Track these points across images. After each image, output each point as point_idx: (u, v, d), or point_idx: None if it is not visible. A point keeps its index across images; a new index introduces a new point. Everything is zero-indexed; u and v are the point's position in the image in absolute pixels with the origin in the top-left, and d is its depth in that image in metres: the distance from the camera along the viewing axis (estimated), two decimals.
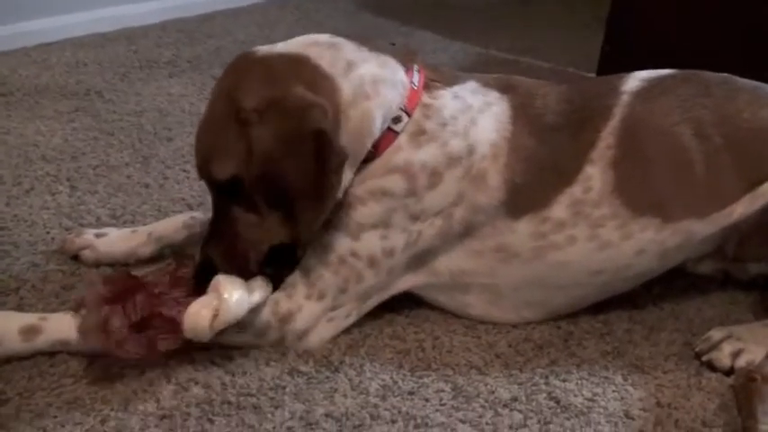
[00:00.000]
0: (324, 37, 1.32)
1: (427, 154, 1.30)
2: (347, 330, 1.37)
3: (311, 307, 1.31)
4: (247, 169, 1.20)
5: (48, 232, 1.60)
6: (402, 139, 1.30)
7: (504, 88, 1.39)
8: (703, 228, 1.37)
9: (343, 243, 1.31)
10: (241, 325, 1.29)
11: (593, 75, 2.38)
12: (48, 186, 1.76)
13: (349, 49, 1.30)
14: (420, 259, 1.36)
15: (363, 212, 1.30)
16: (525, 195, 1.34)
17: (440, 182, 1.30)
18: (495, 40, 2.90)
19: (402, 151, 1.29)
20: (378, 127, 1.28)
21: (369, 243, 1.31)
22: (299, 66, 1.25)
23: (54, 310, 1.35)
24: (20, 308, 1.37)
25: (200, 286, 1.25)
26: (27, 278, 1.45)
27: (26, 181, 1.78)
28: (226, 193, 1.25)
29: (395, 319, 1.41)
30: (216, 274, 1.26)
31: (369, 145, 1.28)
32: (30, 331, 1.25)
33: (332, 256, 1.31)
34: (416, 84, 1.32)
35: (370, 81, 1.27)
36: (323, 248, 1.31)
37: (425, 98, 1.32)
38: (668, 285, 1.52)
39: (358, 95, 1.26)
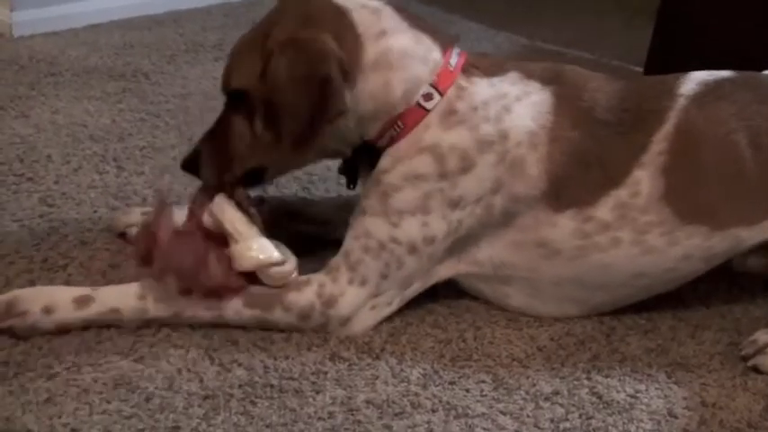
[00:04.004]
0: (375, 3, 1.36)
1: (456, 136, 1.31)
2: (388, 318, 1.37)
3: (354, 292, 1.32)
4: (257, 89, 1.30)
5: (95, 211, 1.63)
6: (432, 118, 1.31)
7: (550, 79, 1.37)
8: (752, 235, 1.36)
9: (382, 229, 1.32)
10: (287, 305, 1.30)
11: (641, 68, 2.34)
12: (95, 166, 1.79)
13: (390, 19, 1.34)
14: (462, 248, 1.36)
15: (400, 199, 1.31)
16: (568, 189, 1.33)
17: (472, 166, 1.31)
18: (540, 30, 2.87)
19: (431, 129, 1.31)
20: (398, 98, 1.31)
21: (409, 230, 1.31)
22: (337, 18, 1.31)
23: None
24: (67, 284, 1.39)
25: (186, 171, 1.42)
26: (75, 256, 1.48)
27: (74, 160, 1.80)
28: (233, 102, 1.36)
29: (436, 308, 1.41)
30: (198, 167, 1.39)
31: (385, 118, 1.31)
32: (83, 300, 1.28)
33: (372, 241, 1.32)
34: (453, 65, 1.33)
35: (398, 53, 1.31)
36: (363, 234, 1.33)
37: (461, 80, 1.33)
38: (714, 284, 1.49)
39: (381, 63, 1.30)
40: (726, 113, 1.36)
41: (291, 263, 1.32)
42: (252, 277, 1.31)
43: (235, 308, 1.30)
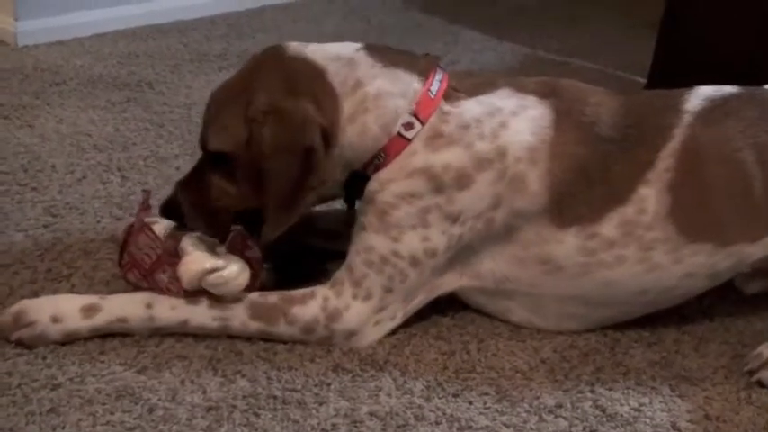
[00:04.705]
0: (349, 50, 1.36)
1: (450, 156, 1.30)
2: (392, 329, 1.36)
3: (358, 307, 1.32)
4: (241, 155, 1.30)
5: (99, 221, 1.63)
6: (417, 145, 1.31)
7: (547, 93, 1.37)
8: (756, 251, 1.35)
9: (383, 244, 1.32)
10: (291, 318, 1.30)
11: (644, 78, 2.35)
12: (99, 176, 1.79)
13: (364, 66, 1.34)
14: (464, 261, 1.36)
15: (398, 216, 1.31)
16: (571, 206, 1.33)
17: (471, 183, 1.30)
18: (544, 40, 2.87)
19: (418, 155, 1.31)
20: (376, 135, 1.32)
21: (410, 244, 1.31)
22: (315, 80, 1.32)
23: None
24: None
25: (164, 217, 1.39)
26: (79, 265, 1.48)
27: (78, 170, 1.81)
28: (211, 159, 1.35)
29: (440, 320, 1.41)
30: (179, 216, 1.37)
31: (368, 155, 1.32)
32: (90, 309, 1.29)
33: (374, 255, 1.32)
34: (434, 93, 1.33)
35: (373, 97, 1.32)
36: (365, 249, 1.33)
37: (444, 106, 1.33)
38: (718, 297, 1.49)
39: (358, 111, 1.32)
40: (732, 131, 1.35)
41: (233, 267, 1.30)
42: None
43: (240, 319, 1.31)
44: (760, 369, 1.32)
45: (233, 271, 1.29)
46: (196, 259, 1.29)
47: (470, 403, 1.24)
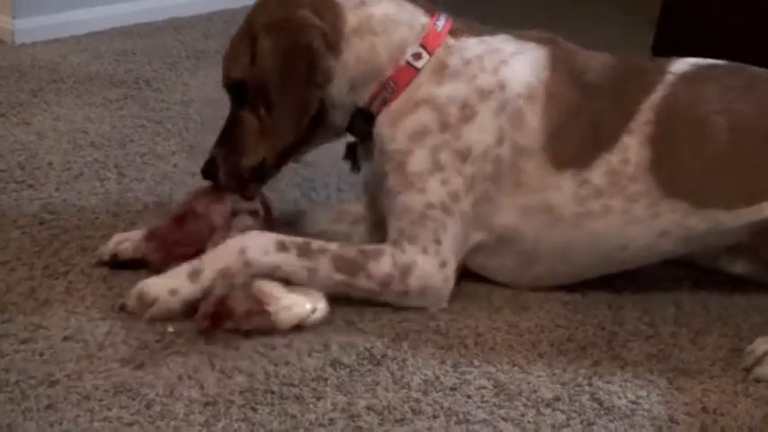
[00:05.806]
0: None
1: (452, 88, 1.36)
2: (390, 324, 1.37)
3: (423, 260, 1.35)
4: (251, 75, 1.38)
5: (96, 218, 1.63)
6: (423, 76, 1.38)
7: (545, 40, 1.43)
8: (731, 219, 1.37)
9: (415, 199, 1.36)
10: (368, 272, 1.34)
11: None
12: (96, 173, 1.79)
13: None
14: (486, 213, 1.39)
15: (414, 162, 1.36)
16: (566, 148, 1.37)
17: (474, 114, 1.35)
18: None
19: (424, 86, 1.37)
20: (385, 60, 1.39)
21: (435, 190, 1.36)
22: None
23: (102, 295, 1.39)
24: (68, 291, 1.40)
25: (206, 179, 1.46)
26: (76, 262, 1.48)
27: (75, 167, 1.81)
28: (235, 96, 1.44)
29: (437, 314, 1.41)
30: (217, 172, 1.43)
31: (375, 81, 1.39)
32: (193, 273, 1.32)
33: (413, 215, 1.36)
34: (440, 27, 1.40)
35: (379, 19, 1.39)
36: (404, 210, 1.37)
37: (450, 40, 1.39)
38: (715, 289, 1.50)
39: (363, 29, 1.39)
40: (711, 93, 1.39)
41: (321, 303, 1.34)
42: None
43: (326, 271, 1.33)
44: (754, 366, 1.32)
45: (323, 306, 1.34)
46: (294, 304, 1.32)
47: (468, 397, 1.24)
